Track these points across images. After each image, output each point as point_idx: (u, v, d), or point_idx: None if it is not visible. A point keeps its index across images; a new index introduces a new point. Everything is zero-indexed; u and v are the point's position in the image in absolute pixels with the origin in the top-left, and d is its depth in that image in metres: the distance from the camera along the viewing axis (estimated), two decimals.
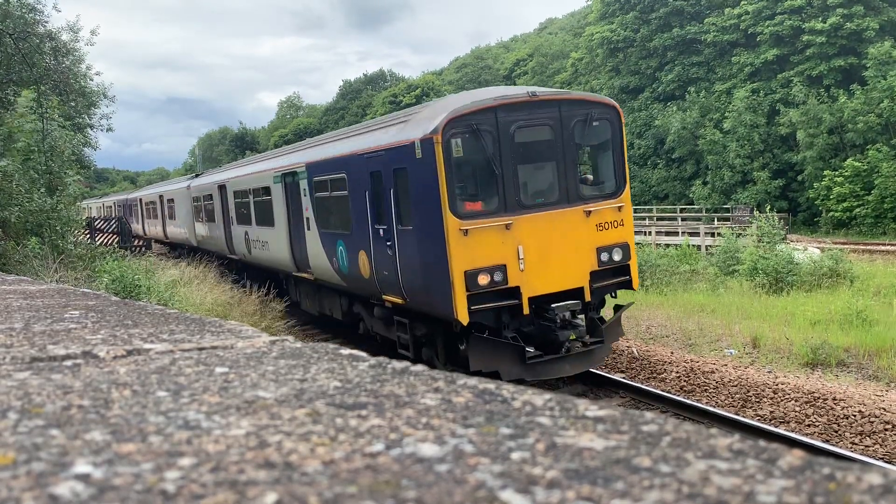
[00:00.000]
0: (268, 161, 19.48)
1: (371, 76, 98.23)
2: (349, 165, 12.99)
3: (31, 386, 1.51)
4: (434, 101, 13.65)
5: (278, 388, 1.45)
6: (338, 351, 1.86)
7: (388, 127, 12.32)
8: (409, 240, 11.11)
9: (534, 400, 1.29)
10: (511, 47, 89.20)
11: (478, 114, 10.55)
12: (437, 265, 10.48)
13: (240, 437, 1.11)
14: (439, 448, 1.03)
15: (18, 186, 16.09)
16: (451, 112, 10.41)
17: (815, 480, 0.85)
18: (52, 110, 18.82)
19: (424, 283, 10.86)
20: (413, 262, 11.06)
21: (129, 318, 2.73)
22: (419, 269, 10.92)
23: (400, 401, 1.31)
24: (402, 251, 11.28)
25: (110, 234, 31.43)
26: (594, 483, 0.87)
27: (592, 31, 60.84)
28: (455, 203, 10.31)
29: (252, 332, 2.27)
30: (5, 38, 17.18)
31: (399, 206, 11.33)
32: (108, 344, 2.08)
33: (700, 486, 0.85)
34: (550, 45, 76.08)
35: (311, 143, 17.07)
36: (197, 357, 1.84)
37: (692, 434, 1.05)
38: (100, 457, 1.02)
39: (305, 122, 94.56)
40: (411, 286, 11.20)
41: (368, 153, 12.24)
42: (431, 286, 10.70)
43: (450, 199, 10.22)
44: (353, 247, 13.00)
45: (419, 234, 10.81)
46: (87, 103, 26.04)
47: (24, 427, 1.18)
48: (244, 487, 0.89)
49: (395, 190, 11.36)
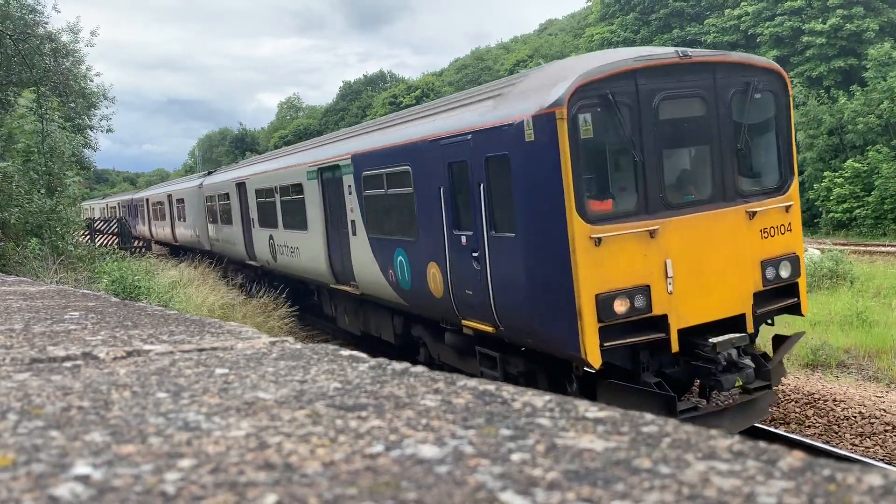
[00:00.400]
0: (299, 154, 16.81)
1: (371, 77, 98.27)
2: (415, 155, 10.53)
3: (30, 387, 1.51)
4: (541, 66, 10.75)
5: (278, 389, 1.45)
6: (338, 352, 1.86)
7: (474, 104, 9.75)
8: (508, 250, 8.62)
9: (534, 401, 1.28)
10: (511, 48, 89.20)
11: (613, 79, 7.97)
12: (554, 285, 8.00)
13: (240, 438, 1.11)
14: (439, 449, 1.03)
15: (18, 187, 16.09)
16: (580, 77, 7.80)
17: (816, 482, 0.85)
18: (52, 111, 18.83)
19: (532, 309, 8.35)
20: (514, 281, 8.57)
21: (129, 320, 2.73)
22: (524, 290, 8.43)
23: (400, 402, 1.31)
24: (497, 265, 8.84)
25: (110, 235, 31.39)
26: (594, 484, 0.87)
27: (592, 32, 60.85)
28: (583, 202, 7.80)
29: (252, 333, 2.27)
30: (5, 40, 17.19)
31: (493, 205, 8.88)
32: (107, 345, 2.08)
33: (700, 488, 0.85)
34: (550, 46, 76.09)
35: (357, 131, 14.44)
36: (197, 358, 1.84)
37: (692, 435, 1.05)
38: (99, 458, 1.02)
39: (305, 123, 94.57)
40: (509, 311, 8.76)
41: (446, 138, 9.71)
42: (543, 313, 8.20)
43: (577, 196, 7.71)
44: (420, 257, 10.67)
45: (527, 243, 8.32)
46: (86, 104, 26.05)
47: (24, 428, 1.18)
48: (244, 489, 0.89)
49: (488, 185, 8.88)
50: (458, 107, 10.14)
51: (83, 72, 24.58)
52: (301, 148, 17.83)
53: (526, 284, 8.39)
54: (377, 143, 11.94)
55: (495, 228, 8.87)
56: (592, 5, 65.51)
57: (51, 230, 16.66)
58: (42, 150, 17.77)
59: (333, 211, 13.90)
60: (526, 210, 8.30)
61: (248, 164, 23.03)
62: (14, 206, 15.75)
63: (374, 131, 12.94)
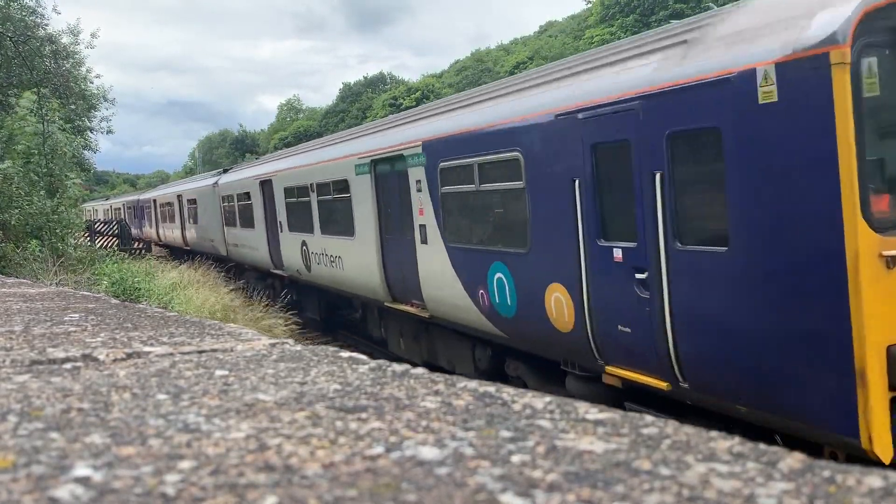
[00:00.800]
0: (343, 144, 13.84)
1: (371, 79, 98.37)
2: (529, 137, 7.86)
3: (30, 389, 1.51)
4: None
5: (278, 390, 1.45)
6: (338, 354, 1.86)
7: (636, 57, 6.89)
8: (712, 272, 5.94)
9: (534, 403, 1.28)
10: (511, 50, 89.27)
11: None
12: (809, 330, 5.31)
13: (239, 439, 1.11)
14: (439, 451, 1.03)
15: (19, 189, 16.10)
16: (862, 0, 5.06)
17: (816, 483, 0.85)
18: (53, 113, 18.86)
19: (760, 364, 5.65)
20: (725, 318, 5.88)
21: (129, 321, 2.73)
22: (747, 335, 5.70)
23: (400, 403, 1.31)
24: (686, 293, 6.16)
25: (110, 237, 31.38)
26: (594, 486, 0.87)
27: (593, 33, 60.93)
28: (868, 200, 5.06)
29: (252, 334, 2.28)
30: (6, 41, 17.21)
31: (680, 205, 6.20)
32: (107, 347, 2.08)
33: (700, 489, 0.85)
34: (550, 48, 76.13)
35: (426, 111, 11.30)
36: (197, 360, 1.84)
37: (692, 437, 1.05)
38: (99, 460, 1.02)
39: (305, 125, 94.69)
40: (707, 364, 6.09)
41: (588, 109, 7.02)
42: (783, 372, 5.50)
43: (861, 190, 4.99)
44: (533, 275, 8.01)
45: (755, 262, 5.60)
46: (87, 106, 26.08)
47: (24, 430, 1.18)
48: (244, 490, 0.89)
49: (671, 174, 6.19)
50: (605, 64, 7.31)
51: (83, 73, 24.61)
52: (346, 137, 14.61)
53: (752, 326, 5.65)
54: (463, 125, 9.22)
55: (682, 239, 6.16)
56: (592, 7, 65.63)
57: (51, 232, 16.67)
58: (42, 151, 17.79)
59: (391, 211, 11.34)
60: (755, 211, 5.55)
61: (275, 158, 19.78)
62: (14, 208, 15.76)
63: (455, 109, 9.98)
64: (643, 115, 6.41)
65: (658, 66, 6.45)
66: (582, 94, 7.18)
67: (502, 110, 8.51)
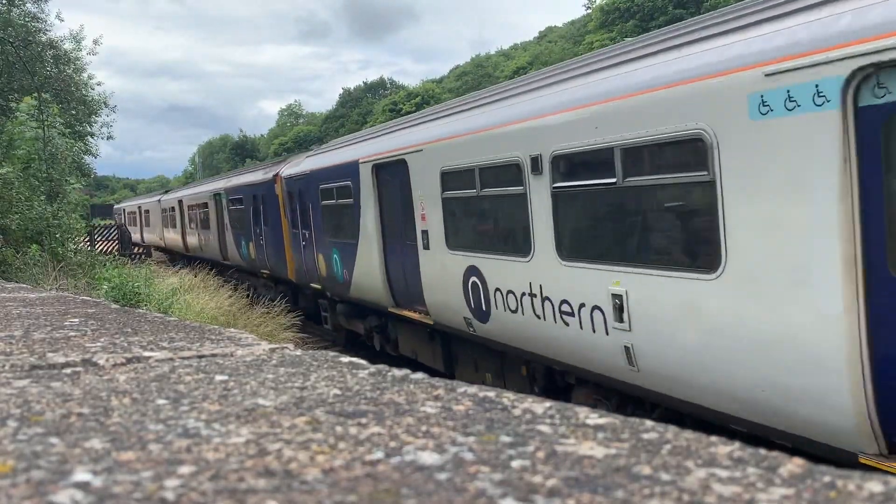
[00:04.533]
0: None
1: (371, 84, 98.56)
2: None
3: (30, 394, 1.51)
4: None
5: (278, 395, 1.45)
6: (338, 359, 1.86)
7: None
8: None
9: (534, 408, 1.28)
10: (511, 55, 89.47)
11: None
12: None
13: (239, 444, 1.11)
14: (439, 456, 1.03)
15: (19, 194, 16.11)
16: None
17: (816, 488, 0.85)
18: (53, 118, 18.87)
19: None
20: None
21: (129, 326, 2.73)
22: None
23: (400, 409, 1.31)
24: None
25: (110, 242, 31.37)
26: (594, 491, 0.87)
27: (592, 39, 61.05)
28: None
29: (252, 339, 2.27)
30: (7, 47, 17.25)
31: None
32: (107, 352, 2.08)
33: (700, 495, 0.85)
34: (550, 54, 76.28)
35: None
36: (197, 365, 1.84)
37: (692, 442, 1.05)
38: (99, 465, 1.01)
39: (306, 130, 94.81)
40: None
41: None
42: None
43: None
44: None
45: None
46: (87, 111, 26.11)
47: (24, 435, 1.18)
48: (244, 495, 0.89)
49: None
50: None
51: (84, 80, 24.66)
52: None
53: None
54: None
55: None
56: (592, 13, 65.80)
57: (51, 237, 16.67)
58: (43, 156, 17.81)
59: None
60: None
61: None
62: (14, 213, 15.77)
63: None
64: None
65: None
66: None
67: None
